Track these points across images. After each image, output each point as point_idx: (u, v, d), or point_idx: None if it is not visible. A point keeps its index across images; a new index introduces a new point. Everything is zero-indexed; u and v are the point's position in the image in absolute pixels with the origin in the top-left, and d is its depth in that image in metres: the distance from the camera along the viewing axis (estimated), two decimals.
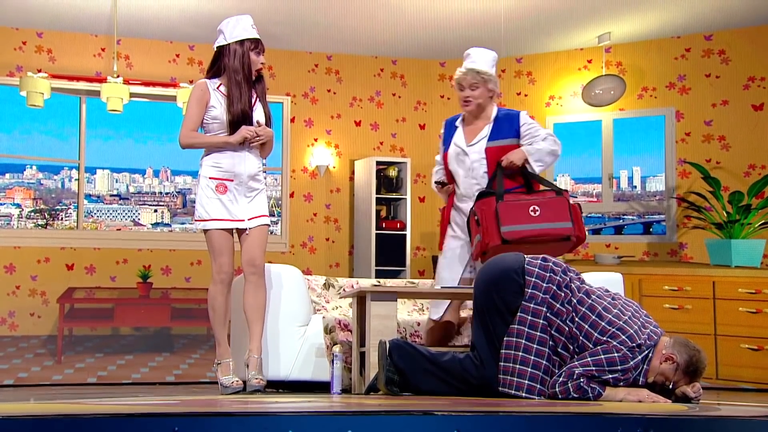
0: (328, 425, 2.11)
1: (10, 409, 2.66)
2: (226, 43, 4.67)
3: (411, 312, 5.55)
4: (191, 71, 9.06)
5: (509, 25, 8.09)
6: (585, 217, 9.08)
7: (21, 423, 2.02)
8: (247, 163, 4.66)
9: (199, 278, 9.01)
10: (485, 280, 3.80)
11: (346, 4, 7.73)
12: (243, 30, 4.68)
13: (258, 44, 4.74)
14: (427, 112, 9.77)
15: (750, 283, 6.42)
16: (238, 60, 4.63)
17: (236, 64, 4.63)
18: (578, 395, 3.46)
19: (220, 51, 4.71)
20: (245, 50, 4.65)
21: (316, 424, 2.11)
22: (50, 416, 2.08)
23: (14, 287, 8.59)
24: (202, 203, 4.61)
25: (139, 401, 3.91)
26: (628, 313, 3.61)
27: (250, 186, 4.68)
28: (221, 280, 4.62)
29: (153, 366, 7.04)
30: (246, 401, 3.87)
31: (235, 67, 4.62)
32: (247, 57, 4.67)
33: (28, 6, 7.86)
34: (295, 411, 2.42)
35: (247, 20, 4.74)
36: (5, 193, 9.40)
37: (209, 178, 4.60)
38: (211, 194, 4.59)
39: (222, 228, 4.60)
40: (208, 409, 2.57)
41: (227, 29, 4.69)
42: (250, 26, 4.73)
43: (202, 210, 4.60)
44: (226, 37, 4.67)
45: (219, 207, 4.59)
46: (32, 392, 5.82)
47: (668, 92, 8.57)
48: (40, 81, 7.27)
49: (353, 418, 2.16)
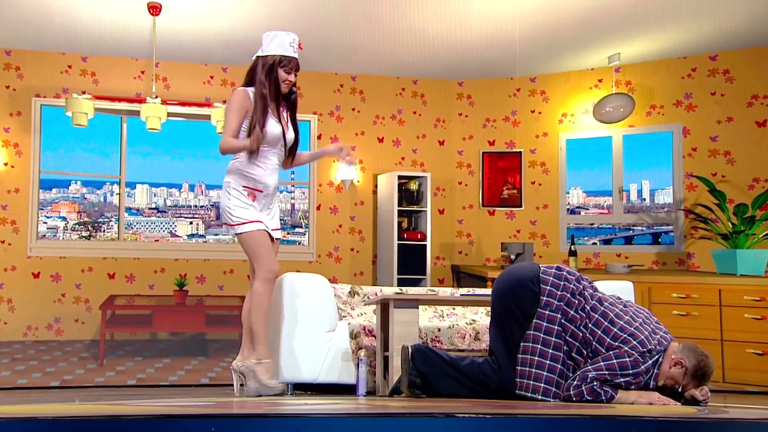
0: (355, 427, 2.10)
1: (57, 409, 2.68)
2: (261, 55, 4.60)
3: (432, 318, 5.53)
4: (225, 92, 9.13)
5: (524, 47, 8.10)
6: (597, 228, 9.07)
7: (67, 423, 2.04)
8: (275, 176, 4.65)
9: (231, 286, 9.06)
10: (502, 288, 3.79)
11: (371, 28, 7.76)
12: (278, 45, 4.57)
13: (290, 62, 4.58)
14: (446, 129, 9.77)
15: (755, 291, 6.36)
16: (266, 73, 4.54)
17: (263, 76, 4.54)
18: (592, 398, 3.43)
19: (256, 61, 4.63)
20: (275, 64, 4.55)
21: (344, 426, 2.11)
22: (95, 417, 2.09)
23: (60, 295, 8.67)
24: (235, 210, 4.51)
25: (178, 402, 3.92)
26: (639, 320, 3.59)
27: (272, 199, 4.66)
28: (270, 279, 4.48)
29: (189, 369, 7.05)
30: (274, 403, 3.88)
31: (261, 79, 4.53)
32: (275, 72, 4.55)
33: (74, 32, 7.96)
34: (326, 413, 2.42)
35: (287, 37, 4.62)
36: (52, 207, 9.50)
37: (242, 186, 4.54)
38: (245, 201, 4.51)
39: (264, 229, 4.52)
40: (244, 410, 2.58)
41: (266, 41, 4.61)
42: (288, 44, 4.60)
43: (240, 215, 4.50)
44: (263, 49, 4.60)
45: (255, 212, 4.55)
46: (77, 394, 5.85)
47: (675, 110, 8.53)
48: (84, 102, 7.34)
49: (378, 419, 2.16)
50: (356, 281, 9.24)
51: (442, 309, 5.70)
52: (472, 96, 9.74)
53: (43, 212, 9.34)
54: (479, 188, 9.59)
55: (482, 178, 9.57)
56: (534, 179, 9.37)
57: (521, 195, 9.41)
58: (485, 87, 9.67)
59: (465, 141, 9.73)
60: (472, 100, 9.74)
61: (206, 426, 2.01)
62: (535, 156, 9.36)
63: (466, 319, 5.49)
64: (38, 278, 8.64)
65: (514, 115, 9.52)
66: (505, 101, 9.57)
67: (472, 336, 5.22)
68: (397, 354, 4.24)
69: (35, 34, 8.09)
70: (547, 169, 9.30)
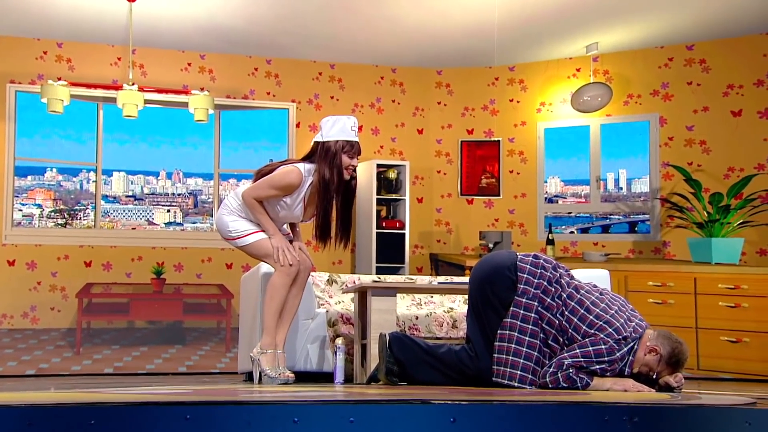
0: (332, 413, 2.10)
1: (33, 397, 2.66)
2: (321, 140, 4.45)
3: (410, 306, 5.54)
4: (202, 79, 9.07)
5: (502, 36, 8.10)
6: (574, 217, 9.12)
7: (43, 411, 2.02)
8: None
9: (209, 274, 9.03)
10: (479, 276, 3.80)
11: (350, 17, 7.73)
12: (340, 130, 4.44)
13: (353, 146, 4.43)
14: (425, 117, 9.77)
15: (729, 279, 6.42)
16: (329, 160, 4.38)
17: (325, 164, 4.37)
18: (567, 385, 3.46)
19: (315, 146, 4.49)
20: (338, 150, 4.40)
21: (320, 413, 2.11)
22: (70, 404, 2.08)
23: (36, 283, 8.60)
24: (232, 224, 4.48)
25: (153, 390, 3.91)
26: (615, 307, 3.61)
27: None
28: (291, 273, 4.45)
29: (166, 357, 7.03)
30: (252, 390, 3.87)
31: (323, 168, 4.38)
32: (339, 158, 4.39)
33: (49, 18, 7.87)
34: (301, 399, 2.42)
35: (348, 121, 4.50)
36: (27, 194, 9.41)
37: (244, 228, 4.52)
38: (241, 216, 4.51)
39: (264, 237, 4.46)
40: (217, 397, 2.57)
41: (326, 126, 4.48)
42: (350, 128, 4.48)
43: (237, 227, 4.48)
44: (323, 134, 4.46)
45: (253, 224, 4.49)
46: (53, 382, 5.81)
47: (652, 99, 8.58)
48: (59, 88, 7.27)
49: (355, 406, 2.16)
50: (334, 269, 9.23)
51: (420, 297, 5.71)
52: (451, 85, 9.74)
53: (18, 199, 9.25)
54: (458, 177, 9.60)
55: (461, 167, 9.58)
56: (512, 168, 9.39)
57: (499, 184, 9.43)
58: (464, 76, 9.67)
59: (444, 130, 9.73)
60: (450, 88, 9.74)
61: (181, 413, 2.00)
62: (514, 145, 9.38)
63: (444, 307, 5.50)
64: (13, 266, 8.55)
65: (492, 104, 9.53)
66: (483, 90, 9.57)
67: (450, 324, 5.23)
68: (375, 342, 4.24)
69: (10, 20, 7.98)
70: (526, 158, 9.32)
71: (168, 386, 5.31)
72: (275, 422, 2.04)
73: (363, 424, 2.07)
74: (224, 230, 4.53)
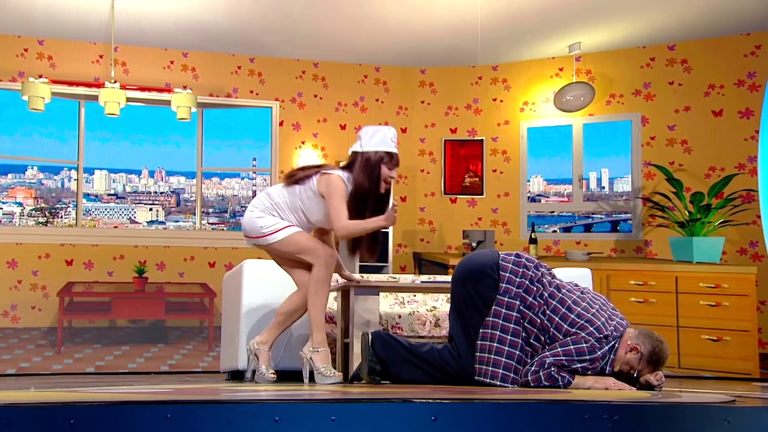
0: (314, 412, 2.11)
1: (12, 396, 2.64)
2: (360, 151, 4.37)
3: (393, 305, 5.54)
4: (185, 77, 9.03)
5: (486, 35, 8.11)
6: (557, 216, 9.15)
7: (23, 410, 2.01)
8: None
9: (192, 273, 8.99)
10: (462, 274, 3.80)
11: (333, 15, 7.73)
12: (380, 141, 4.36)
13: (392, 158, 4.35)
14: (409, 116, 9.78)
15: (710, 278, 6.47)
16: (368, 171, 4.30)
17: (364, 174, 4.29)
18: (549, 383, 3.47)
19: (354, 156, 4.40)
20: (377, 161, 4.31)
21: (302, 412, 2.11)
22: (51, 404, 2.07)
23: (16, 282, 8.54)
24: (261, 220, 4.32)
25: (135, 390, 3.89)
26: (596, 306, 3.63)
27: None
28: (331, 264, 4.31)
29: (148, 356, 7.00)
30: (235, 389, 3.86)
31: (361, 178, 4.29)
32: (378, 169, 4.30)
33: (30, 15, 7.80)
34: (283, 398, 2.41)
35: (388, 132, 4.41)
36: (8, 192, 9.33)
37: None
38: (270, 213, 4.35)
39: (298, 230, 4.33)
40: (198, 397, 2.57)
41: (365, 136, 4.41)
42: (390, 139, 4.38)
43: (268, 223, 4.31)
44: (362, 145, 4.38)
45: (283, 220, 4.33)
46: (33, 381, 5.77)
47: (634, 99, 8.63)
48: (41, 86, 7.21)
49: (337, 405, 2.16)
50: None
51: (403, 296, 5.71)
52: (435, 84, 9.75)
53: None
54: (441, 176, 9.62)
55: (444, 166, 9.59)
56: (495, 167, 9.42)
57: (483, 183, 9.46)
58: (447, 75, 9.68)
59: (427, 129, 9.74)
60: (434, 87, 9.75)
61: (162, 412, 1.99)
62: (497, 144, 9.41)
63: (427, 306, 5.51)
64: None
65: (476, 103, 9.55)
66: (467, 89, 9.59)
67: (433, 323, 5.24)
68: (358, 341, 4.24)
69: None
70: (509, 157, 9.35)
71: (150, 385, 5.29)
72: (257, 421, 2.04)
73: (345, 423, 2.07)
74: (254, 228, 4.34)
